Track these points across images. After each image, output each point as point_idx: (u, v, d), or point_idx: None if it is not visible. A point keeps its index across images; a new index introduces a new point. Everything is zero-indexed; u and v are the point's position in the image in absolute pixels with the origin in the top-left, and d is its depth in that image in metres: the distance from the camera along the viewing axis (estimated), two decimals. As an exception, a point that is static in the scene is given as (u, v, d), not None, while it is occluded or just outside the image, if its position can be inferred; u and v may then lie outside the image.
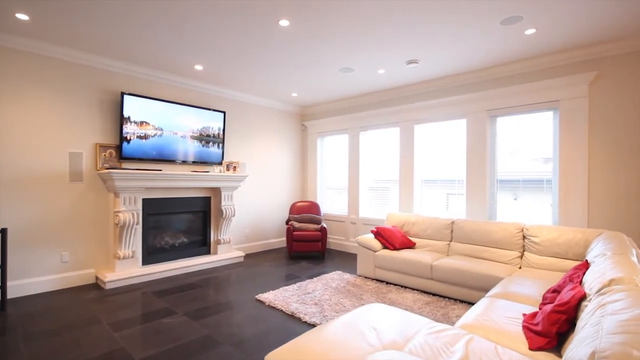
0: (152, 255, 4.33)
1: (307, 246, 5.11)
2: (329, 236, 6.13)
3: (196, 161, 4.72)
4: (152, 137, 4.24)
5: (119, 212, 3.84)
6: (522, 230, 3.56)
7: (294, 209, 5.58)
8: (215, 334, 2.65)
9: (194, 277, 4.18)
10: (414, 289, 3.72)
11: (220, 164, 5.01)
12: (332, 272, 4.36)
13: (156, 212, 4.36)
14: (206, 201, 4.92)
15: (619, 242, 2.41)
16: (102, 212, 3.97)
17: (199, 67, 4.20)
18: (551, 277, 2.92)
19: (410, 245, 4.17)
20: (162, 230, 4.51)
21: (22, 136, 3.45)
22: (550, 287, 2.20)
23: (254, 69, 4.26)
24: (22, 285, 3.44)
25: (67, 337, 2.57)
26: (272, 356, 1.61)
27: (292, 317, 2.98)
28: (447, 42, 3.38)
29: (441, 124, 4.72)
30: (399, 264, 3.81)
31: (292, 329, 2.74)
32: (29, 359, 2.27)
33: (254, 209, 5.71)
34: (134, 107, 4.06)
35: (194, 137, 4.68)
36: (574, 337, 1.26)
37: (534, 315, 1.90)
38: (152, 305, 3.24)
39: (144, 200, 4.23)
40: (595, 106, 3.51)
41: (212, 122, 4.88)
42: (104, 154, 3.95)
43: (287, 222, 5.37)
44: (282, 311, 3.10)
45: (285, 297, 3.42)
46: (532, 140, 3.94)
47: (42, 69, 3.56)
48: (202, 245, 4.92)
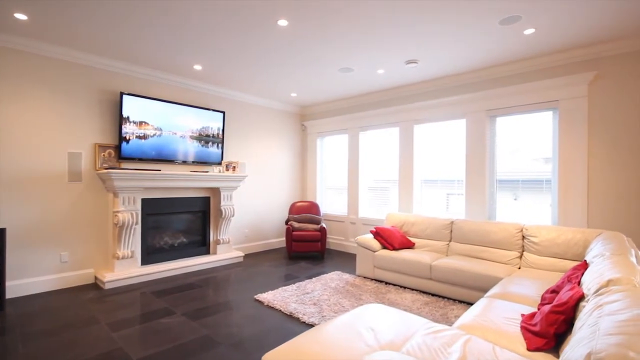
0: (151, 255, 4.33)
1: (306, 246, 5.10)
2: (328, 236, 6.13)
3: (195, 161, 4.72)
4: (151, 137, 4.24)
5: (118, 212, 3.84)
6: (522, 230, 3.56)
7: (294, 209, 5.58)
8: (213, 334, 2.64)
9: (193, 277, 4.18)
10: (413, 289, 3.72)
11: (219, 164, 5.01)
12: (332, 272, 4.36)
13: (155, 212, 4.36)
14: (205, 201, 4.92)
15: (618, 243, 2.41)
16: (101, 212, 3.97)
17: (198, 67, 4.20)
18: (550, 277, 2.92)
19: (409, 245, 4.17)
20: (161, 230, 4.51)
21: (21, 136, 3.45)
22: (549, 288, 2.20)
23: (253, 69, 4.26)
24: (21, 285, 3.45)
25: (65, 337, 2.57)
26: (269, 356, 1.61)
27: (290, 317, 2.98)
28: (446, 42, 3.38)
29: (441, 124, 4.72)
30: (398, 264, 3.80)
31: (291, 329, 2.74)
32: (27, 359, 2.27)
33: (254, 209, 5.71)
34: (133, 107, 4.06)
35: (193, 137, 4.68)
36: (572, 337, 1.25)
37: (532, 315, 1.89)
38: (151, 305, 3.24)
39: (143, 200, 4.23)
40: (594, 106, 3.50)
41: (211, 122, 4.88)
42: (103, 154, 3.95)
43: (286, 222, 5.37)
44: (280, 311, 3.10)
45: (284, 297, 3.42)
46: (532, 140, 3.93)
47: (41, 69, 3.56)
48: (202, 245, 4.91)
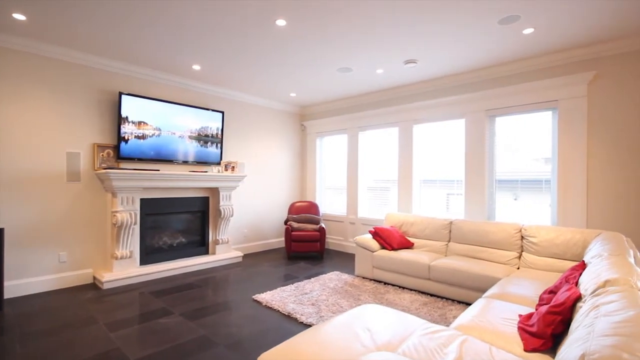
0: (150, 255, 4.33)
1: (305, 246, 5.10)
2: (327, 236, 6.12)
3: (194, 161, 4.72)
4: (150, 137, 4.24)
5: (116, 212, 3.84)
6: (520, 230, 3.55)
7: (293, 209, 5.58)
8: (211, 334, 2.64)
9: (192, 277, 4.18)
10: (411, 290, 3.71)
11: (218, 164, 5.00)
12: (330, 273, 4.35)
13: (154, 212, 4.36)
14: (204, 201, 4.92)
15: (616, 243, 2.40)
16: (99, 212, 3.97)
17: (197, 67, 4.20)
18: (549, 277, 2.91)
19: (408, 245, 4.16)
20: (160, 230, 4.51)
21: (20, 136, 3.45)
22: (547, 288, 2.19)
23: (253, 69, 4.25)
24: (19, 285, 3.45)
25: (63, 337, 2.57)
26: (265, 357, 1.60)
27: (288, 317, 2.98)
28: (445, 41, 3.37)
29: (440, 123, 4.71)
30: (396, 265, 3.80)
31: (289, 329, 2.73)
32: (24, 359, 2.26)
33: (253, 209, 5.71)
34: (132, 107, 4.06)
35: (192, 137, 4.67)
36: (568, 338, 1.25)
37: (530, 316, 1.89)
38: (149, 305, 3.24)
39: (142, 200, 4.23)
40: (594, 106, 3.49)
41: (210, 122, 4.87)
42: (102, 154, 3.95)
43: (285, 222, 5.36)
44: (279, 311, 3.10)
45: (282, 297, 3.41)
46: (531, 140, 3.92)
47: (40, 69, 3.56)
48: (201, 245, 4.91)
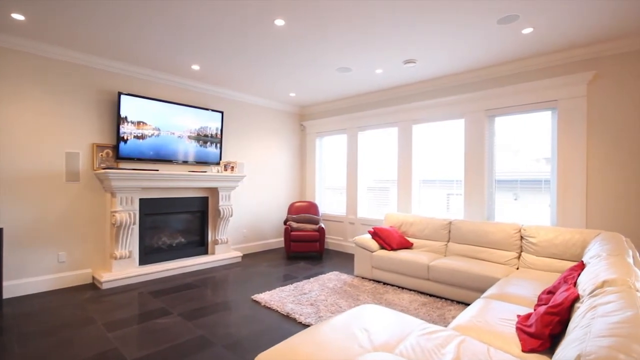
0: (149, 255, 4.33)
1: (305, 246, 5.09)
2: (327, 236, 6.12)
3: (194, 161, 4.71)
4: (149, 137, 4.24)
5: (115, 212, 3.84)
6: (520, 230, 3.54)
7: (292, 209, 5.57)
8: (209, 334, 2.64)
9: (191, 277, 4.17)
10: (411, 290, 3.70)
11: (217, 164, 5.00)
12: (330, 273, 4.35)
13: (153, 212, 4.36)
14: (204, 201, 4.91)
15: (616, 243, 2.39)
16: (99, 212, 3.97)
17: (196, 67, 4.20)
18: (548, 278, 2.90)
19: (407, 245, 4.15)
20: (159, 230, 4.51)
21: (19, 136, 3.45)
22: (545, 289, 2.18)
23: (252, 69, 4.25)
24: (18, 285, 3.45)
25: (61, 338, 2.57)
26: (262, 357, 1.60)
27: (287, 317, 2.97)
28: (444, 41, 3.36)
29: (439, 123, 4.70)
30: (396, 265, 3.79)
31: (287, 329, 2.73)
32: (22, 359, 2.26)
33: (253, 209, 5.70)
34: (131, 107, 4.06)
35: (191, 137, 4.67)
36: (565, 339, 1.24)
37: (528, 316, 1.88)
38: (148, 305, 3.24)
39: (141, 200, 4.23)
40: (593, 106, 3.49)
41: (209, 122, 4.87)
42: (101, 154, 3.95)
43: (285, 222, 5.36)
44: (277, 312, 3.09)
45: (281, 297, 3.41)
46: (531, 140, 3.91)
47: (39, 69, 3.56)
48: (200, 245, 4.91)
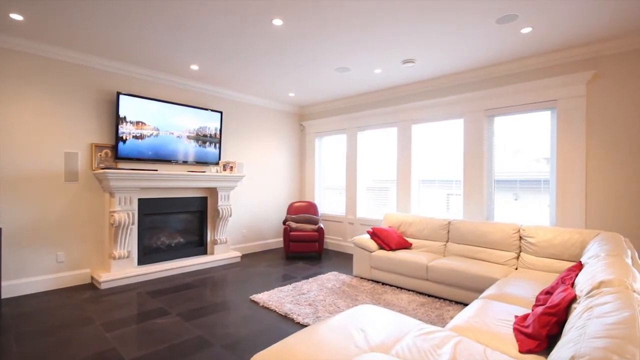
0: (148, 255, 4.33)
1: (304, 246, 5.09)
2: (326, 236, 6.11)
3: (193, 161, 4.71)
4: (148, 137, 4.24)
5: (114, 212, 3.84)
6: (519, 230, 3.53)
7: (292, 209, 5.57)
8: (207, 334, 2.63)
9: (190, 278, 4.17)
10: (409, 290, 3.70)
11: (217, 164, 5.00)
12: (328, 273, 4.35)
13: (152, 212, 4.36)
14: (203, 201, 4.91)
15: (614, 244, 2.38)
16: (97, 212, 3.97)
17: (195, 67, 4.19)
18: (547, 278, 2.89)
19: (406, 245, 4.15)
20: (158, 230, 4.51)
21: (17, 136, 3.45)
22: (543, 289, 2.18)
23: (251, 69, 4.25)
24: (17, 285, 3.45)
25: (59, 338, 2.57)
26: (258, 357, 1.60)
27: (285, 317, 2.97)
28: (442, 41, 3.35)
29: (438, 123, 4.69)
30: (394, 265, 3.78)
31: (285, 329, 2.72)
32: (20, 359, 2.26)
33: (252, 209, 5.70)
34: (130, 107, 4.06)
35: (190, 137, 4.67)
36: (561, 340, 1.24)
37: (526, 317, 1.87)
38: (146, 305, 3.23)
39: (140, 200, 4.23)
40: (593, 105, 3.48)
41: (209, 122, 4.87)
42: (100, 154, 3.95)
43: (284, 223, 5.35)
44: (275, 312, 3.09)
45: (279, 297, 3.41)
46: (530, 140, 3.90)
47: (38, 69, 3.56)
48: (199, 245, 4.91)
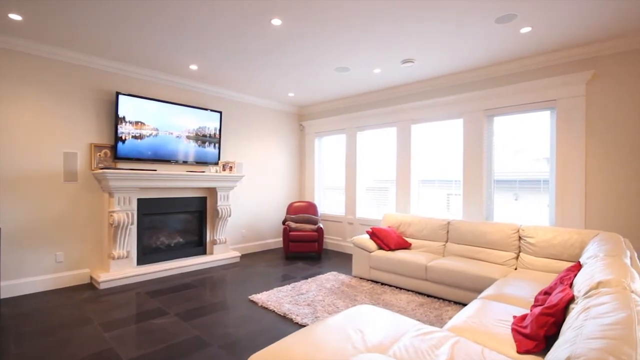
0: (147, 255, 4.33)
1: (303, 246, 5.09)
2: (326, 236, 6.11)
3: (192, 161, 4.71)
4: (147, 137, 4.23)
5: (113, 212, 3.84)
6: (518, 231, 3.53)
7: (291, 209, 5.56)
8: (205, 334, 2.63)
9: (189, 278, 4.17)
10: (408, 290, 3.69)
11: (216, 164, 5.00)
12: (328, 273, 4.34)
13: (151, 212, 4.36)
14: (202, 201, 4.91)
15: (614, 244, 2.38)
16: (96, 212, 3.97)
17: (194, 67, 4.19)
18: (546, 278, 2.89)
19: (405, 246, 4.14)
20: (157, 230, 4.51)
21: (16, 136, 3.45)
22: (542, 289, 2.17)
23: (250, 69, 4.24)
24: (16, 285, 3.45)
25: (57, 338, 2.56)
26: (255, 357, 1.59)
27: (284, 318, 2.96)
28: (441, 41, 3.35)
29: (438, 123, 4.68)
30: (393, 265, 3.78)
31: (284, 330, 2.72)
32: (19, 359, 2.26)
33: (251, 209, 5.70)
34: (129, 107, 4.06)
35: (189, 137, 4.67)
36: (558, 340, 1.23)
37: (524, 317, 1.87)
38: (145, 305, 3.23)
39: (139, 200, 4.23)
40: (592, 105, 3.47)
41: (208, 122, 4.87)
42: (99, 154, 3.95)
43: (283, 223, 5.35)
44: (274, 312, 3.08)
45: (278, 297, 3.40)
46: (529, 140, 3.90)
47: (37, 69, 3.56)
48: (198, 245, 4.91)
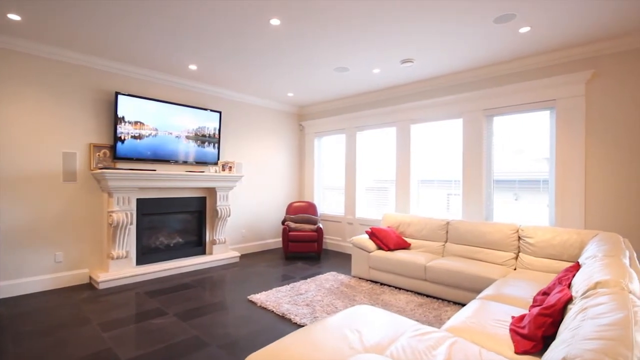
0: (146, 255, 4.32)
1: (303, 247, 5.08)
2: (325, 236, 6.10)
3: (191, 161, 4.71)
4: (146, 137, 4.23)
5: (112, 212, 3.84)
6: (517, 231, 3.52)
7: (291, 209, 5.56)
8: (203, 334, 2.63)
9: (188, 278, 4.17)
10: (407, 290, 3.68)
11: (215, 164, 5.00)
12: (327, 273, 4.34)
13: (151, 212, 4.36)
14: (201, 201, 4.91)
15: (613, 244, 2.37)
16: (95, 212, 3.97)
17: (193, 67, 4.19)
18: (545, 278, 2.88)
19: (405, 246, 4.13)
20: (156, 230, 4.51)
21: (15, 136, 3.45)
22: (540, 289, 2.16)
23: (249, 69, 4.24)
24: (15, 285, 3.45)
25: (55, 338, 2.56)
26: (253, 357, 1.59)
27: (282, 318, 2.96)
28: (440, 40, 3.34)
29: (437, 123, 4.68)
30: (393, 265, 3.77)
31: (282, 330, 2.72)
32: (17, 359, 2.26)
33: (251, 209, 5.70)
34: (128, 107, 4.06)
35: (189, 137, 4.67)
36: (555, 341, 1.22)
37: (522, 318, 1.86)
38: (144, 305, 3.23)
39: (138, 200, 4.22)
40: (592, 105, 3.46)
41: (207, 122, 4.87)
42: (98, 154, 3.95)
43: (283, 223, 5.35)
44: (273, 312, 3.08)
45: (277, 297, 3.40)
46: (529, 140, 3.89)
47: (36, 69, 3.56)
48: (198, 245, 4.90)
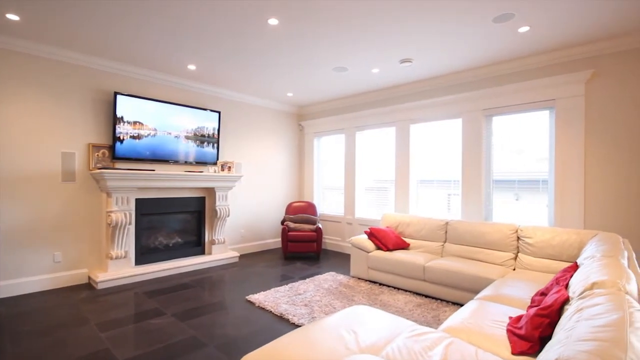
0: (145, 255, 4.33)
1: (302, 247, 5.08)
2: (325, 237, 6.10)
3: (190, 161, 4.71)
4: (145, 137, 4.24)
5: (111, 212, 3.84)
6: (517, 231, 3.51)
7: (290, 209, 5.56)
8: (201, 335, 2.63)
9: (187, 278, 4.17)
10: (406, 291, 3.68)
11: (215, 164, 4.99)
12: (326, 273, 4.33)
13: (150, 212, 4.36)
14: (200, 201, 4.91)
15: (612, 244, 2.36)
16: (94, 212, 3.97)
17: (192, 67, 4.19)
18: (544, 279, 2.87)
19: (404, 246, 4.13)
20: (155, 230, 4.51)
21: (14, 136, 3.45)
22: (538, 290, 2.16)
23: (248, 69, 4.24)
24: (14, 285, 3.45)
25: (53, 338, 2.56)
26: (249, 357, 1.59)
27: (280, 318, 2.96)
28: (439, 40, 3.33)
29: (437, 123, 4.67)
30: (391, 265, 3.76)
31: (280, 330, 2.71)
32: (15, 359, 2.26)
33: (250, 209, 5.70)
34: (127, 107, 4.06)
35: (188, 137, 4.67)
36: (550, 342, 1.22)
37: (519, 318, 1.85)
38: (142, 305, 3.23)
39: (137, 200, 4.23)
40: (591, 104, 3.45)
41: (207, 122, 4.87)
42: (97, 154, 3.96)
43: (282, 223, 5.34)
44: (271, 312, 3.08)
45: (275, 298, 3.40)
46: (528, 140, 3.88)
47: (35, 69, 3.56)
48: (197, 245, 4.91)
